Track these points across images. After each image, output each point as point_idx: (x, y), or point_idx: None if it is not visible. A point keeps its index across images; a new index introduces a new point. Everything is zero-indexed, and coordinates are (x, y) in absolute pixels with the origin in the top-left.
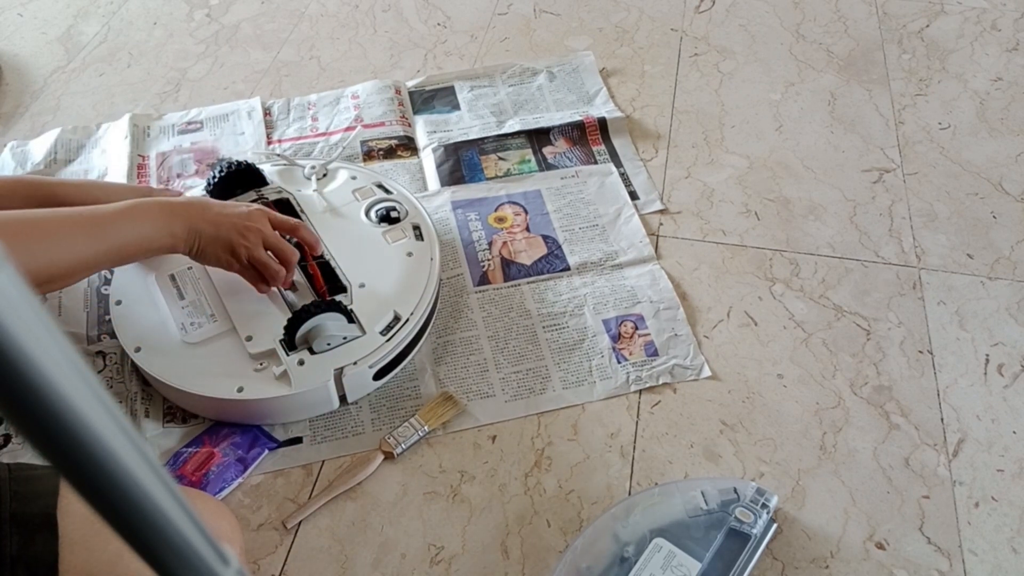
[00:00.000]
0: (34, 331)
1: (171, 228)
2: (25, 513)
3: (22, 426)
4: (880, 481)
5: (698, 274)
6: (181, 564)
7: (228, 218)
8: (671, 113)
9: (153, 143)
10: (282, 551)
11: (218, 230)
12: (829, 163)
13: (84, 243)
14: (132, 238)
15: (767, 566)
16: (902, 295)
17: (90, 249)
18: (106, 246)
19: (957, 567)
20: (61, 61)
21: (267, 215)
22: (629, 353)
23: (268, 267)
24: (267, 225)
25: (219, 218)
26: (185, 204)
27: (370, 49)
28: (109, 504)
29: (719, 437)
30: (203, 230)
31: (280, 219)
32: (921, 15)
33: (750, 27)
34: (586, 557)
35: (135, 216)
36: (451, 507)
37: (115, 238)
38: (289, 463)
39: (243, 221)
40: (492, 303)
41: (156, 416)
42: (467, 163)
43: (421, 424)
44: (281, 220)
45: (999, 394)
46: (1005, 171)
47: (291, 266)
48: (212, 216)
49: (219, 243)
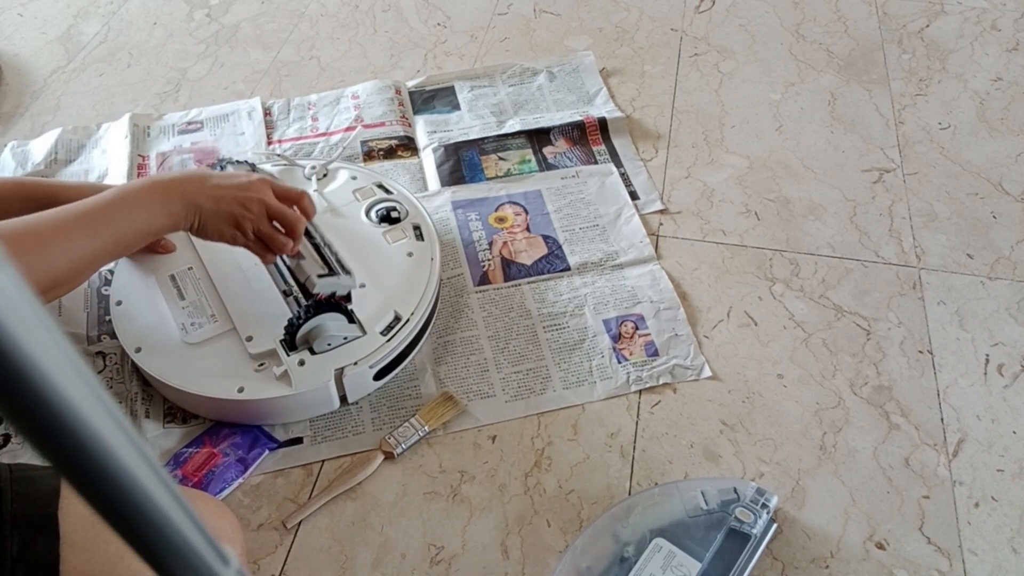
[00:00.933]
0: (34, 331)
1: (168, 208)
2: (26, 514)
3: (22, 426)
4: (880, 481)
5: (698, 274)
6: (181, 564)
7: (228, 190)
8: (671, 113)
9: (153, 143)
10: (282, 551)
11: (219, 204)
12: (829, 163)
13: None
14: (130, 227)
15: (767, 566)
16: (902, 295)
17: (89, 247)
18: (105, 241)
19: (957, 567)
20: (61, 61)
21: (269, 183)
22: (629, 353)
23: (275, 240)
24: (270, 194)
25: (219, 191)
26: (179, 179)
27: (370, 49)
28: (109, 505)
29: (719, 437)
30: (203, 205)
31: (283, 188)
32: (921, 15)
33: (750, 27)
34: (586, 557)
35: (129, 203)
36: (451, 507)
37: (113, 230)
38: (289, 463)
39: (244, 192)
40: (492, 303)
41: (156, 416)
42: (467, 163)
43: (421, 424)
44: (284, 189)
45: (999, 394)
46: (1005, 171)
47: (298, 235)
48: (211, 189)
49: (221, 217)
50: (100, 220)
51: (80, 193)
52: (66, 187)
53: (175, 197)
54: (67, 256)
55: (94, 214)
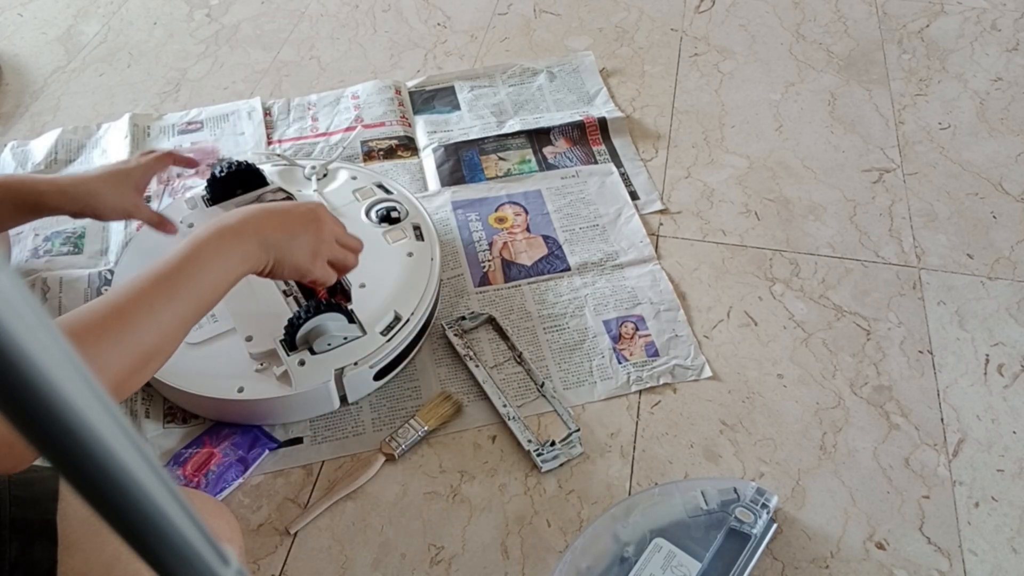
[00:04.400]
0: (34, 331)
1: (243, 249)
2: (24, 519)
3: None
4: (880, 481)
5: (698, 274)
6: (181, 564)
7: (297, 218)
8: (671, 113)
9: (153, 143)
10: (282, 551)
11: (293, 237)
12: (829, 163)
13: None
14: (209, 281)
15: (767, 566)
16: (902, 295)
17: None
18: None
19: (957, 567)
20: (61, 61)
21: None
22: (630, 354)
23: (347, 260)
24: (329, 215)
25: (288, 219)
26: (246, 219)
27: (370, 49)
28: (109, 505)
29: (719, 437)
30: (277, 240)
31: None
32: (921, 15)
33: (750, 27)
34: (586, 557)
35: (203, 257)
36: (451, 507)
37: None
38: (289, 463)
39: (313, 221)
40: (493, 304)
41: (156, 416)
42: (467, 163)
43: (421, 424)
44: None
45: (999, 394)
46: (1005, 171)
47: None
48: (279, 224)
49: (297, 251)
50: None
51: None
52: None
53: (248, 238)
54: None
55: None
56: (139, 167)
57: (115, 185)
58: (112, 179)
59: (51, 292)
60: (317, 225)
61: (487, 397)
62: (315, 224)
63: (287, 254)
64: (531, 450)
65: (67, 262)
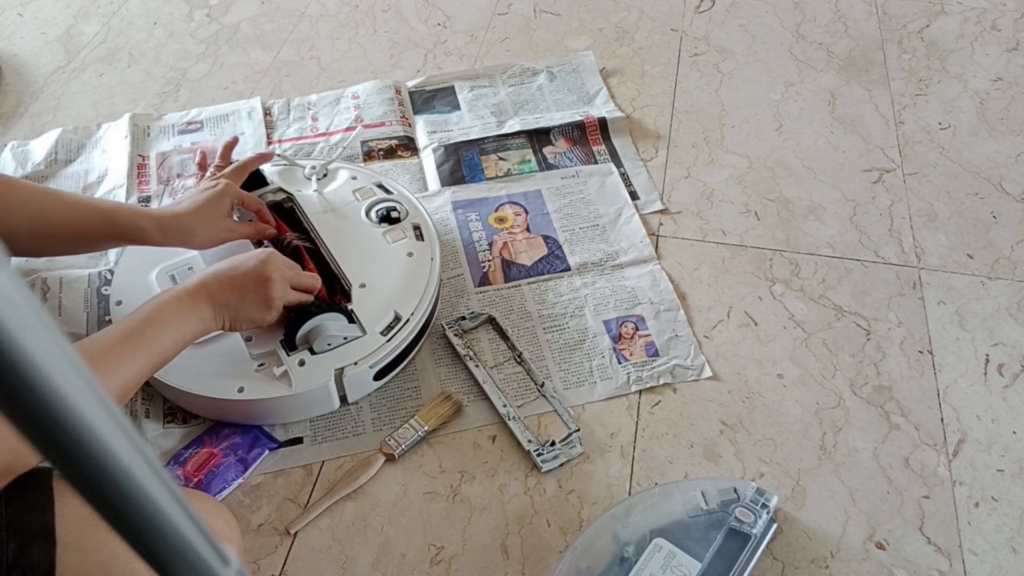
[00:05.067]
0: (34, 331)
1: (199, 314)
2: (22, 520)
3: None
4: (880, 481)
5: (698, 274)
6: (181, 564)
7: (246, 276)
8: (671, 113)
9: (153, 143)
10: (282, 551)
11: (244, 293)
12: (829, 163)
13: (130, 362)
14: (168, 340)
15: (767, 566)
16: (902, 295)
17: (136, 366)
18: (148, 357)
19: (957, 567)
20: (61, 61)
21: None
22: (630, 354)
23: (303, 301)
24: (279, 261)
25: (237, 279)
26: (200, 284)
27: (370, 49)
28: (109, 505)
29: (719, 437)
30: (228, 301)
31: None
32: (921, 15)
33: (750, 27)
34: (586, 557)
35: (163, 317)
36: (451, 507)
37: (154, 345)
38: (289, 463)
39: (263, 273)
40: (493, 304)
41: (156, 416)
42: (467, 163)
43: (421, 424)
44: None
45: (999, 394)
46: (1005, 171)
47: (316, 292)
48: (228, 284)
49: (250, 306)
50: (142, 338)
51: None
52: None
53: (201, 302)
54: (119, 377)
55: (135, 334)
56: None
57: (209, 217)
58: (206, 213)
59: (51, 292)
60: (266, 278)
61: (487, 397)
62: (264, 278)
63: (240, 311)
64: (531, 450)
65: (67, 262)
